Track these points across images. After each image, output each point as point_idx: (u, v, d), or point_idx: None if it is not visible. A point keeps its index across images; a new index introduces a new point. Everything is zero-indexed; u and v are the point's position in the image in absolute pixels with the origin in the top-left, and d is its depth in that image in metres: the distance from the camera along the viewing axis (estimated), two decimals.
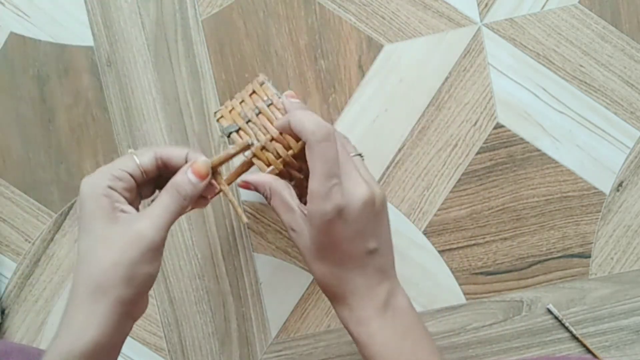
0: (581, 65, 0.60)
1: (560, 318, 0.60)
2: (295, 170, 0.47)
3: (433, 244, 0.61)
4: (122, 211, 0.37)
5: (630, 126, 0.61)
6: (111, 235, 0.36)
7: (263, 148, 0.45)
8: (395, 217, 0.61)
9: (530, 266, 0.61)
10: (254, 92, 0.49)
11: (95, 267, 0.35)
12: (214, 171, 0.42)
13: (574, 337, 0.60)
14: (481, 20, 0.60)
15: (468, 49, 0.60)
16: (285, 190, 0.44)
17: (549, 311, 0.61)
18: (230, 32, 0.61)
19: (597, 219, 0.61)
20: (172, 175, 0.40)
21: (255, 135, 0.46)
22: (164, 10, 0.61)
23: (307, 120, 0.40)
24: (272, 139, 0.45)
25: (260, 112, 0.47)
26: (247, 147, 0.43)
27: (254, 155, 0.46)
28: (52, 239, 0.62)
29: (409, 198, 0.61)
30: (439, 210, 0.61)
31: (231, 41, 0.61)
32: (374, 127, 0.61)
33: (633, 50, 0.60)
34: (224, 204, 0.62)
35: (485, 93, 0.61)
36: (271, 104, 0.47)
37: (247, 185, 0.45)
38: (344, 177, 0.41)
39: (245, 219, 0.42)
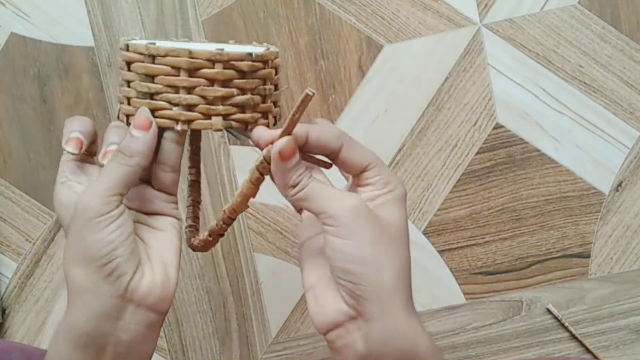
0: (580, 66, 0.60)
1: (559, 318, 0.60)
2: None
3: (433, 244, 0.61)
4: (77, 184, 0.37)
5: (629, 126, 0.61)
6: (72, 218, 0.35)
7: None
8: None
9: (529, 266, 0.61)
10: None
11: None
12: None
13: (574, 337, 0.60)
14: (481, 21, 0.60)
15: (468, 49, 0.61)
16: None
17: (549, 311, 0.61)
18: (231, 33, 0.61)
19: (596, 219, 0.61)
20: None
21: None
22: (165, 10, 0.61)
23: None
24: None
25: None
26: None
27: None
28: (52, 239, 0.62)
29: (408, 198, 0.61)
30: (438, 210, 0.61)
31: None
32: (374, 127, 0.61)
33: (632, 51, 0.60)
34: (223, 202, 0.62)
35: (485, 93, 0.61)
36: None
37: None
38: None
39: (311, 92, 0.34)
